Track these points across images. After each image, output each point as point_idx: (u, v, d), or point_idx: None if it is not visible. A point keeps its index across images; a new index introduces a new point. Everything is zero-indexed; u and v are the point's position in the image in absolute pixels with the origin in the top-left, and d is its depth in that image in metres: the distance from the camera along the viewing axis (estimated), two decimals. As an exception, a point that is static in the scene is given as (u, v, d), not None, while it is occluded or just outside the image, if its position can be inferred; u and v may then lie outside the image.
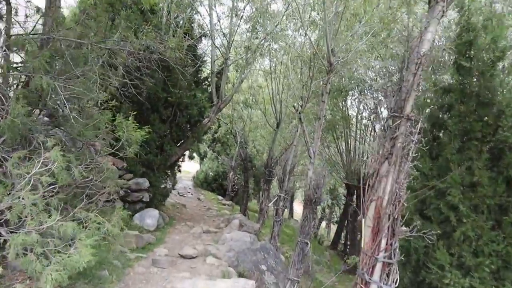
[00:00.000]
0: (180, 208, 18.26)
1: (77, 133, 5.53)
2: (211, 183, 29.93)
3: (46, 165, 4.28)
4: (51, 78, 4.57)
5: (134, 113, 8.80)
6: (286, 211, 34.50)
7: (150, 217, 11.39)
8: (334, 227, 35.21)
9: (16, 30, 5.65)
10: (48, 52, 4.75)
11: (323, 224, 38.04)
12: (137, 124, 8.53)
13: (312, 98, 14.66)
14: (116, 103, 10.45)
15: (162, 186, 12.59)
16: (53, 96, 4.63)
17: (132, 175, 11.45)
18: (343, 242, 28.42)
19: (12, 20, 5.69)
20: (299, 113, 10.33)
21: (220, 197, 27.59)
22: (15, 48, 5.16)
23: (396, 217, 3.84)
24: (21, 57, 5.57)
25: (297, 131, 12.70)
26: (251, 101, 17.96)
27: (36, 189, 4.63)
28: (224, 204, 23.19)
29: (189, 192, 27.02)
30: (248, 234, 10.80)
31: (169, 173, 13.39)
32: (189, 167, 36.88)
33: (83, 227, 5.35)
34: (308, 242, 7.94)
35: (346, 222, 27.29)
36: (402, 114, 3.87)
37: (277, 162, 17.83)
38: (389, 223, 3.81)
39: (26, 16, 5.38)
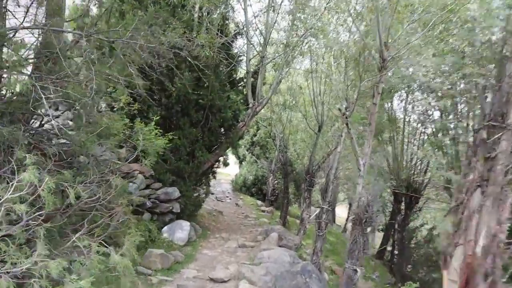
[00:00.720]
0: (217, 216, 17.35)
1: (79, 144, 4.60)
2: (250, 187, 28.98)
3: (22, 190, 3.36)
4: (35, 78, 3.68)
5: (157, 117, 7.89)
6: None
7: (180, 230, 10.50)
8: (378, 234, 33.38)
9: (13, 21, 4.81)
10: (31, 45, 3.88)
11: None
12: (160, 130, 7.62)
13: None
14: (140, 106, 9.77)
15: (194, 195, 11.66)
16: (40, 99, 3.72)
17: (160, 184, 10.60)
18: (389, 250, 26.65)
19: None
20: (346, 117, 9.04)
21: (259, 202, 26.57)
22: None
23: (495, 272, 2.61)
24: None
25: (341, 135, 11.44)
26: (290, 103, 16.71)
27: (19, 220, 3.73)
28: (263, 211, 22.13)
29: (227, 197, 26.18)
30: (287, 253, 9.64)
31: (202, 181, 12.48)
32: (229, 170, 36.11)
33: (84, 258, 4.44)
34: (358, 270, 6.71)
35: (393, 231, 25.59)
36: (505, 124, 2.61)
37: (319, 168, 16.59)
38: (486, 283, 2.57)
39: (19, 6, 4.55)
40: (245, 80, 12.78)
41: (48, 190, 3.82)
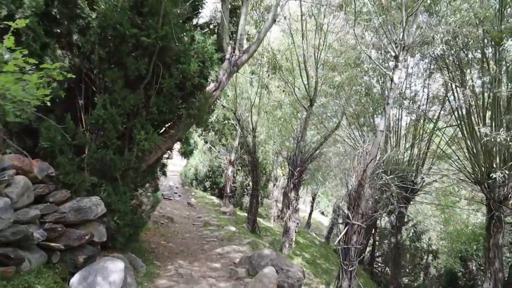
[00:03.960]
0: (166, 226, 12.38)
1: None
2: (203, 181, 24.09)
3: None
4: None
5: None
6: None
7: (107, 277, 5.53)
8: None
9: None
10: None
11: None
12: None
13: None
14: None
15: (133, 207, 6.63)
16: None
17: (68, 193, 5.57)
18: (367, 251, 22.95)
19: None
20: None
21: (215, 199, 21.80)
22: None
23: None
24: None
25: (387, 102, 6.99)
26: (272, 63, 11.85)
27: None
28: (224, 213, 17.35)
29: (176, 193, 21.21)
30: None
31: (146, 183, 7.45)
32: (175, 161, 30.53)
33: None
34: None
35: (373, 230, 21.92)
36: None
37: (311, 157, 12.10)
38: None
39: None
40: (218, 16, 7.91)
41: None
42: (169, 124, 7.04)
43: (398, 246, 17.05)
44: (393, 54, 7.16)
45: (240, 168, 23.14)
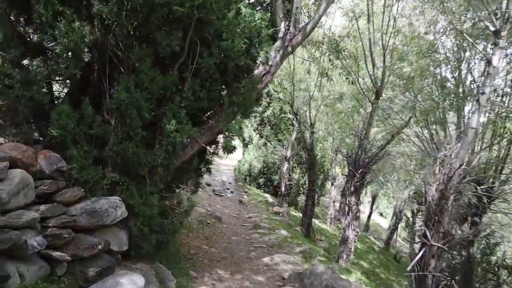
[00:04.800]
0: (212, 226, 11.43)
1: None
2: (257, 177, 23.05)
3: None
4: None
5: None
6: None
7: (124, 295, 4.54)
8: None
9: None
10: None
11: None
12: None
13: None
14: None
15: (162, 211, 5.59)
16: None
17: (81, 192, 4.63)
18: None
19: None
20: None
21: (269, 197, 20.67)
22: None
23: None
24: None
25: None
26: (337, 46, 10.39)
27: None
28: (277, 213, 16.17)
29: (228, 189, 20.31)
30: None
31: (181, 184, 6.38)
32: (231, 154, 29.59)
33: None
34: None
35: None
36: None
37: (376, 157, 10.60)
38: None
39: None
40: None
41: None
42: (208, 113, 5.91)
43: (470, 261, 14.99)
44: (492, 28, 5.58)
45: (296, 165, 21.84)
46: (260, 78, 5.96)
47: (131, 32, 5.07)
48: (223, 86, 5.71)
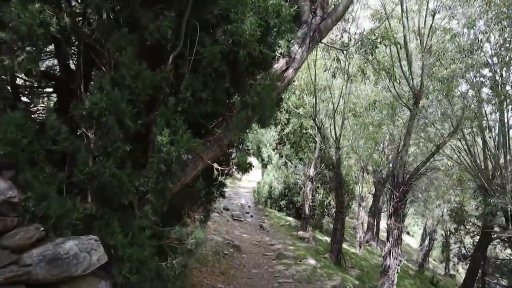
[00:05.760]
0: (229, 257, 10.01)
1: None
2: (278, 200, 21.51)
3: None
4: None
5: None
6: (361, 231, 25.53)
7: None
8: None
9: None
10: None
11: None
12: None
13: None
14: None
15: (156, 252, 4.19)
16: None
17: (39, 232, 3.31)
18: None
19: None
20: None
21: (291, 220, 19.09)
22: None
23: None
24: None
25: None
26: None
27: None
28: (302, 239, 14.62)
29: (247, 213, 18.90)
30: None
31: (184, 211, 5.00)
32: (249, 175, 27.93)
33: None
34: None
35: (483, 258, 17.59)
36: None
37: (417, 172, 9.10)
38: None
39: None
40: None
41: None
42: (214, 120, 4.57)
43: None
44: None
45: (319, 185, 20.30)
46: (280, 74, 4.62)
47: (110, 15, 3.82)
48: (232, 84, 4.35)
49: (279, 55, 4.66)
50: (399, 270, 8.87)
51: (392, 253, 8.55)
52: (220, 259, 9.66)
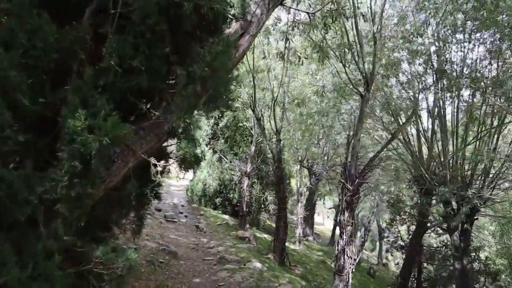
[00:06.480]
0: (166, 266, 8.84)
1: None
2: (213, 197, 20.38)
3: None
4: None
5: None
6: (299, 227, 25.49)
7: None
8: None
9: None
10: None
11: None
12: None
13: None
14: None
15: (69, 285, 3.05)
16: None
17: None
18: (413, 277, 18.90)
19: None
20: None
21: (228, 218, 18.08)
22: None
23: None
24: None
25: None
26: None
27: None
28: (243, 238, 13.68)
29: (181, 213, 17.62)
30: None
31: (110, 224, 3.88)
32: (181, 173, 26.28)
33: None
34: None
35: (418, 246, 17.81)
36: None
37: (371, 164, 8.53)
38: None
39: None
40: None
41: None
42: (150, 100, 3.44)
43: (466, 274, 13.27)
44: None
45: (256, 180, 19.53)
46: (234, 41, 3.62)
47: None
48: (174, 51, 3.26)
49: (232, 17, 3.65)
50: (353, 270, 8.25)
51: (346, 251, 7.90)
52: (156, 269, 8.45)
